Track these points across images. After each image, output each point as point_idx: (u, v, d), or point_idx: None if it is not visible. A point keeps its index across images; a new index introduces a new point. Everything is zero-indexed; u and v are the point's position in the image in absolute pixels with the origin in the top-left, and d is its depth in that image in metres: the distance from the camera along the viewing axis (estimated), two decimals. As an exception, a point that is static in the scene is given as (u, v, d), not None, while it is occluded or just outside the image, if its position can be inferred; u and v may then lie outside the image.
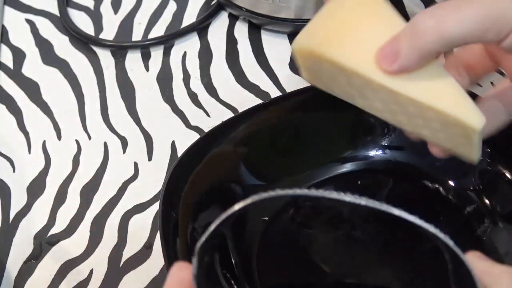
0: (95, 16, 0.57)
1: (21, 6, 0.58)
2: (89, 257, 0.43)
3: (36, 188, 0.46)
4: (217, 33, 0.55)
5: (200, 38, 0.55)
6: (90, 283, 0.42)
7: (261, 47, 0.54)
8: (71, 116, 0.50)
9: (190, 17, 0.56)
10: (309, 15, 0.51)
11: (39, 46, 0.55)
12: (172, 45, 0.54)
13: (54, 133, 0.49)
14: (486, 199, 0.38)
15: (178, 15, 0.56)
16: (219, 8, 0.56)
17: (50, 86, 0.52)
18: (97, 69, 0.53)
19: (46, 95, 0.52)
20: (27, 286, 0.42)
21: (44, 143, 0.49)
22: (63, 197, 0.46)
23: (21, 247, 0.44)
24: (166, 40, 0.54)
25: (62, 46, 0.55)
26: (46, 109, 0.51)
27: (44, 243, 0.44)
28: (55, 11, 0.57)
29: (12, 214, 0.45)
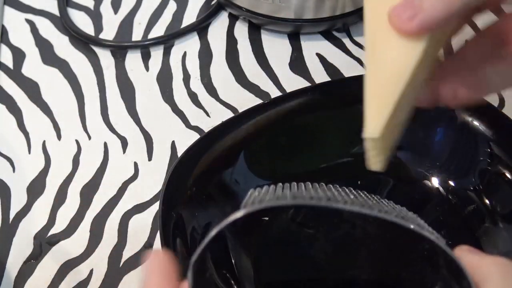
0: (95, 16, 0.57)
1: (21, 6, 0.58)
2: (89, 257, 0.43)
3: (36, 188, 0.46)
4: (217, 33, 0.55)
5: (200, 38, 0.55)
6: (90, 283, 0.42)
7: (261, 47, 0.54)
8: (71, 116, 0.50)
9: (190, 17, 0.56)
10: (309, 15, 0.51)
11: (39, 46, 0.55)
12: (172, 45, 0.54)
13: (54, 133, 0.49)
14: (486, 199, 0.38)
15: (178, 15, 0.56)
16: (219, 8, 0.56)
17: (50, 86, 0.52)
18: (97, 69, 0.53)
19: (46, 95, 0.52)
20: (27, 286, 0.42)
21: (44, 143, 0.49)
22: (63, 197, 0.46)
23: (21, 247, 0.44)
24: (166, 40, 0.54)
25: (62, 46, 0.55)
26: (46, 109, 0.51)
27: (44, 243, 0.44)
28: (55, 11, 0.57)
29: (12, 214, 0.45)
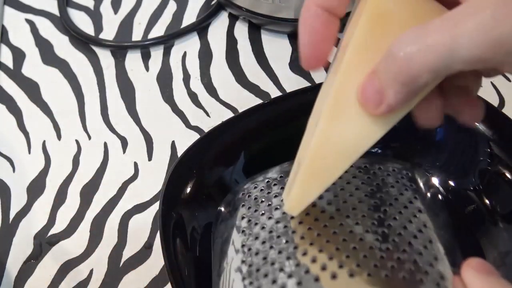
0: (95, 16, 0.57)
1: (21, 6, 0.58)
2: (89, 257, 0.43)
3: (36, 188, 0.46)
4: (217, 33, 0.55)
5: (200, 38, 0.55)
6: (90, 283, 0.42)
7: (261, 47, 0.54)
8: (71, 116, 0.50)
9: (190, 17, 0.56)
10: (309, 15, 0.51)
11: (39, 46, 0.55)
12: (172, 45, 0.54)
13: (54, 133, 0.49)
14: (486, 199, 0.38)
15: (178, 15, 0.56)
16: (219, 8, 0.56)
17: (50, 86, 0.52)
18: (97, 69, 0.53)
19: (46, 95, 0.52)
20: (27, 286, 0.42)
21: (44, 143, 0.49)
22: (63, 197, 0.46)
23: (21, 247, 0.44)
24: (166, 40, 0.54)
25: (62, 46, 0.55)
26: (46, 109, 0.51)
27: (44, 243, 0.44)
28: (55, 11, 0.57)
29: (12, 214, 0.45)
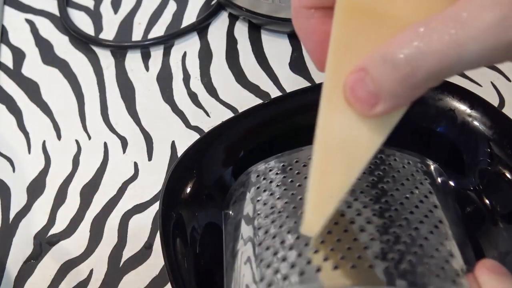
0: (95, 16, 0.57)
1: (21, 6, 0.58)
2: (89, 257, 0.43)
3: (36, 188, 0.46)
4: (217, 33, 0.55)
5: (200, 38, 0.55)
6: (90, 283, 0.42)
7: (261, 47, 0.54)
8: (71, 116, 0.50)
9: (190, 17, 0.56)
10: (309, 15, 0.51)
11: (39, 46, 0.55)
12: (172, 45, 0.54)
13: (54, 133, 0.49)
14: (486, 199, 0.38)
15: (178, 15, 0.56)
16: (219, 8, 0.56)
17: (50, 86, 0.52)
18: (97, 69, 0.53)
19: (46, 95, 0.52)
20: (27, 286, 0.42)
21: (44, 143, 0.49)
22: (63, 197, 0.46)
23: (21, 247, 0.44)
24: (166, 40, 0.54)
25: (62, 46, 0.55)
26: (46, 109, 0.51)
27: (44, 243, 0.44)
28: (55, 11, 0.57)
29: (12, 214, 0.45)
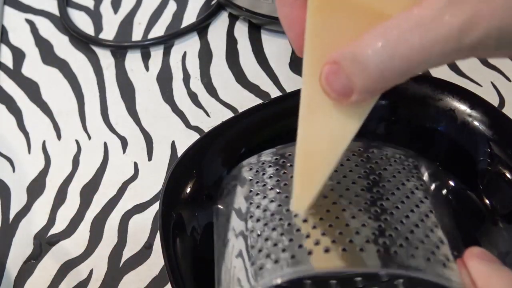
0: (95, 16, 0.57)
1: (21, 6, 0.58)
2: (89, 257, 0.43)
3: (36, 188, 0.46)
4: (217, 33, 0.55)
5: (200, 38, 0.55)
6: (90, 283, 0.42)
7: (261, 47, 0.54)
8: (71, 116, 0.50)
9: (190, 17, 0.56)
10: (309, 15, 0.51)
11: (39, 46, 0.55)
12: (172, 45, 0.54)
13: (54, 133, 0.49)
14: (486, 199, 0.38)
15: (178, 15, 0.56)
16: (219, 8, 0.56)
17: (50, 86, 0.52)
18: (97, 69, 0.53)
19: (46, 95, 0.52)
20: (27, 286, 0.42)
21: (44, 143, 0.49)
22: (63, 197, 0.46)
23: (21, 247, 0.44)
24: (166, 40, 0.54)
25: (62, 46, 0.55)
26: (46, 109, 0.51)
27: (44, 243, 0.44)
28: (55, 11, 0.57)
29: (12, 214, 0.45)
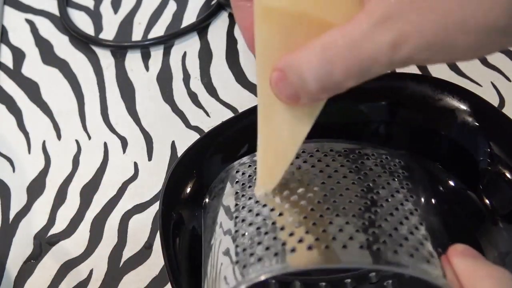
0: (95, 16, 0.57)
1: (21, 6, 0.58)
2: (89, 257, 0.43)
3: (36, 188, 0.46)
4: (217, 33, 0.55)
5: (200, 38, 0.55)
6: (90, 283, 0.42)
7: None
8: (71, 116, 0.50)
9: (190, 17, 0.56)
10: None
11: (39, 46, 0.55)
12: (172, 45, 0.54)
13: (54, 133, 0.49)
14: (486, 199, 0.38)
15: (178, 15, 0.56)
16: (219, 8, 0.56)
17: (50, 86, 0.52)
18: (97, 69, 0.53)
19: (46, 95, 0.52)
20: (27, 286, 0.42)
21: (44, 143, 0.49)
22: (63, 197, 0.46)
23: (21, 247, 0.44)
24: (166, 40, 0.54)
25: (62, 46, 0.55)
26: (46, 109, 0.51)
27: (44, 243, 0.44)
28: (55, 11, 0.57)
29: (12, 214, 0.45)
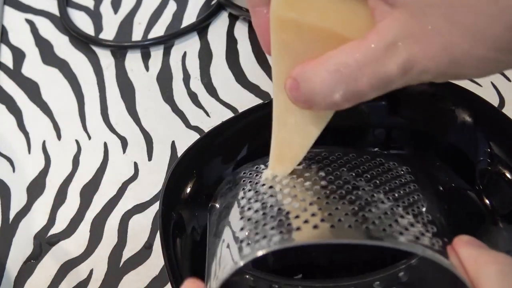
0: (95, 16, 0.57)
1: (21, 6, 0.58)
2: (89, 257, 0.43)
3: (36, 188, 0.46)
4: (217, 33, 0.55)
5: (200, 38, 0.55)
6: (90, 283, 0.42)
7: (261, 47, 0.53)
8: (71, 116, 0.50)
9: (190, 17, 0.56)
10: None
11: (39, 46, 0.55)
12: (172, 45, 0.54)
13: (54, 133, 0.49)
14: (486, 199, 0.38)
15: (178, 15, 0.56)
16: (219, 8, 0.56)
17: (50, 86, 0.52)
18: (97, 69, 0.53)
19: (46, 95, 0.52)
20: (27, 286, 0.42)
21: (44, 143, 0.49)
22: (63, 197, 0.46)
23: (21, 247, 0.44)
24: (166, 40, 0.54)
25: (62, 46, 0.55)
26: (46, 109, 0.51)
27: (44, 243, 0.44)
28: (55, 11, 0.57)
29: (12, 214, 0.45)
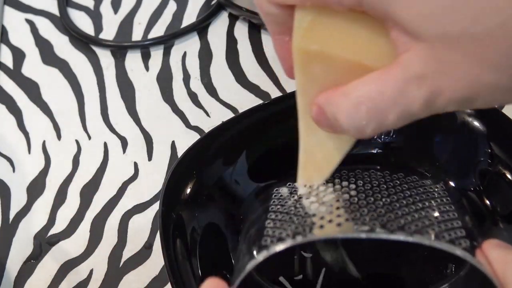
0: (95, 16, 0.57)
1: (21, 6, 0.58)
2: (89, 257, 0.43)
3: (36, 188, 0.46)
4: (217, 33, 0.55)
5: (200, 38, 0.55)
6: (90, 283, 0.42)
7: (261, 47, 0.54)
8: (71, 116, 0.50)
9: (190, 17, 0.56)
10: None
11: (39, 46, 0.55)
12: (172, 45, 0.54)
13: (54, 133, 0.49)
14: (486, 200, 0.38)
15: (178, 15, 0.56)
16: (219, 8, 0.56)
17: (50, 86, 0.52)
18: (97, 69, 0.53)
19: (46, 95, 0.52)
20: (27, 286, 0.42)
21: (44, 143, 0.49)
22: (63, 197, 0.46)
23: (21, 247, 0.44)
24: (166, 40, 0.54)
25: (62, 46, 0.55)
26: (46, 109, 0.51)
27: (44, 243, 0.44)
28: (55, 11, 0.57)
29: (12, 214, 0.45)
